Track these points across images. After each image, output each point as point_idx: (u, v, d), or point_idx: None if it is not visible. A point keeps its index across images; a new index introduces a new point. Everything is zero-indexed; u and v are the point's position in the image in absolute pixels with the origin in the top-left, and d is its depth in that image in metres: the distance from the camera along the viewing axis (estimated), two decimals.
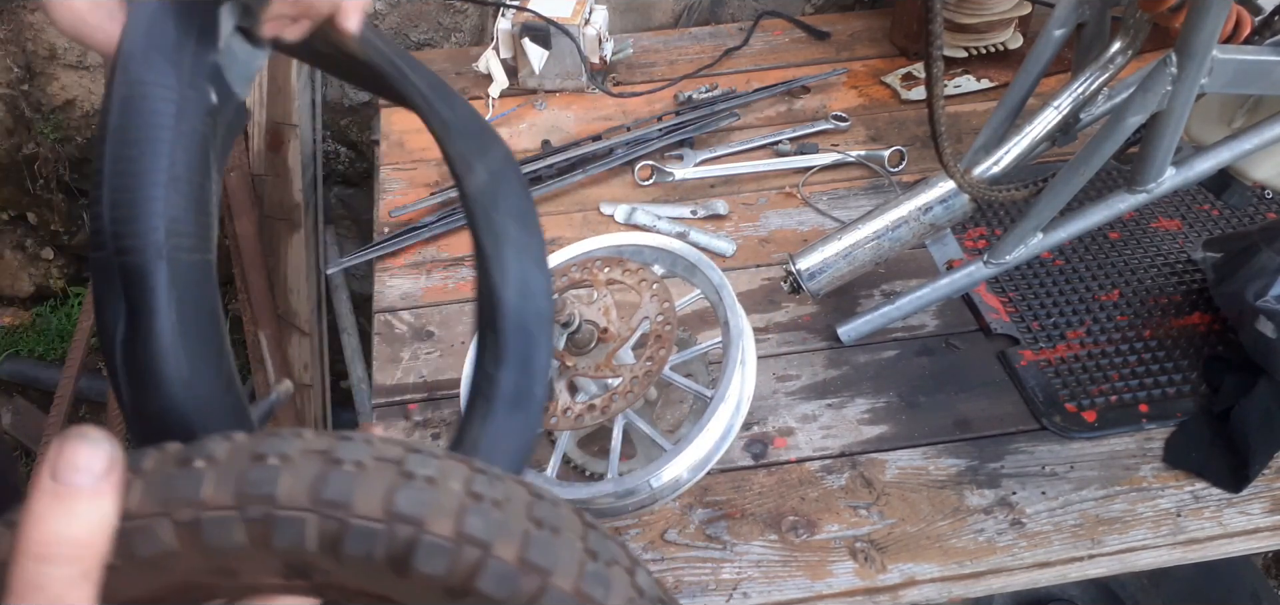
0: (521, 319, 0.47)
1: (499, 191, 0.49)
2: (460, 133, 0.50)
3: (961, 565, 0.88)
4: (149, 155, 0.40)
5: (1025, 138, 0.97)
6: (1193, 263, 1.16)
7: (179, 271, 0.40)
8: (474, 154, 0.50)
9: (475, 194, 0.49)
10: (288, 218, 1.67)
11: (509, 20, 1.44)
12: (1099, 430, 0.98)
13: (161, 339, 0.39)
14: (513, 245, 0.48)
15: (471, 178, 0.49)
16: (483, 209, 0.48)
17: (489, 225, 0.48)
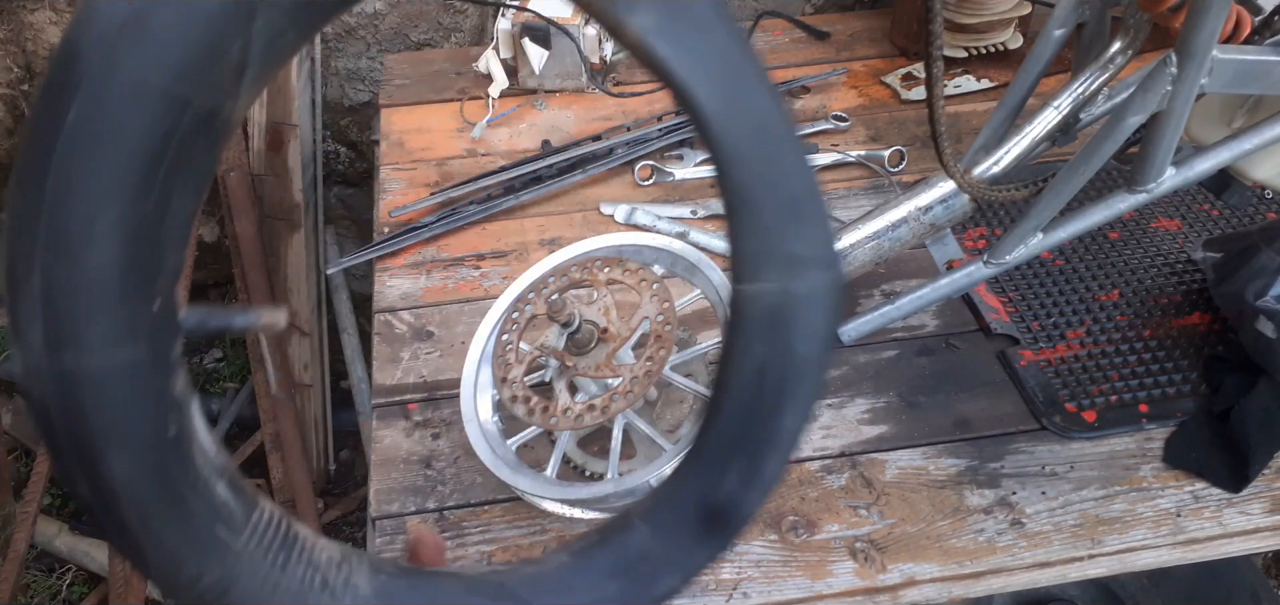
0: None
1: (789, 327, 0.42)
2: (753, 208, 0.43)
3: (961, 565, 0.88)
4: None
5: (1025, 138, 0.97)
6: (1193, 263, 1.16)
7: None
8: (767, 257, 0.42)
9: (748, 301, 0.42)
10: (288, 218, 1.67)
11: (509, 20, 1.44)
12: (1099, 430, 0.98)
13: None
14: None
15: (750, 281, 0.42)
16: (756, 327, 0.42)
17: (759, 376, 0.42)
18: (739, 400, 0.42)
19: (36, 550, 1.78)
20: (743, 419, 0.43)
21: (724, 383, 0.43)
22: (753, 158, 0.41)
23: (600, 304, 0.88)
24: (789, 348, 0.42)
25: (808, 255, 0.41)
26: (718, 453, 0.43)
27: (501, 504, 0.92)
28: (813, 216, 0.42)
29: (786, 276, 0.41)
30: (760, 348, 0.42)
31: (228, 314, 0.42)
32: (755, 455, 0.43)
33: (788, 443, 0.43)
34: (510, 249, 1.20)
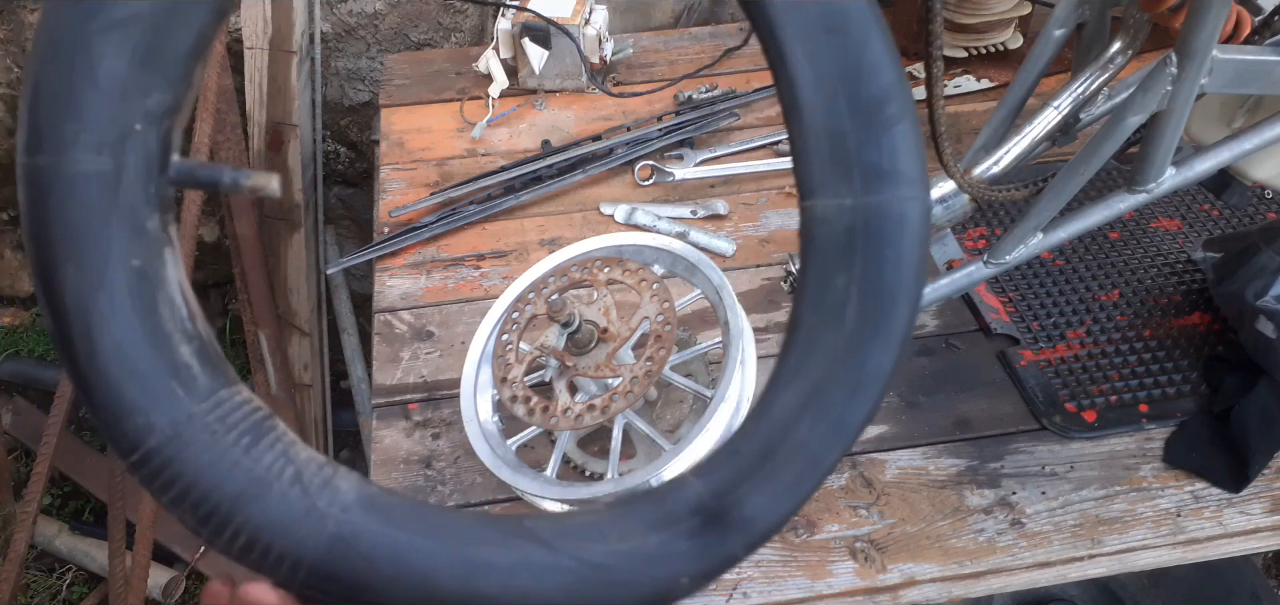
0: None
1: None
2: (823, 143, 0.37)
3: (961, 565, 0.88)
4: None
5: (1025, 138, 0.97)
6: (1193, 263, 1.16)
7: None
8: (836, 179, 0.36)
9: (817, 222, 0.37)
10: (288, 218, 1.67)
11: (509, 20, 1.44)
12: (1099, 430, 0.98)
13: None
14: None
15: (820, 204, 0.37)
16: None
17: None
18: (815, 338, 0.37)
19: (36, 550, 1.78)
20: (821, 363, 0.37)
21: (798, 321, 0.38)
22: (824, 43, 0.35)
23: (600, 304, 0.88)
24: (878, 272, 0.36)
25: (891, 167, 0.35)
26: (792, 400, 0.38)
27: (501, 504, 0.92)
28: (898, 119, 0.35)
29: (867, 192, 0.35)
30: (839, 279, 0.36)
31: (216, 168, 0.40)
32: (829, 396, 0.37)
33: (873, 388, 0.37)
34: (510, 249, 1.20)
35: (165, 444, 0.35)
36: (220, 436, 0.36)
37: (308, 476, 0.37)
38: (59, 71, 0.34)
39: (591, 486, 0.81)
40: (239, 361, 2.07)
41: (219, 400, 0.36)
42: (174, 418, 0.35)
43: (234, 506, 0.36)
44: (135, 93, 0.35)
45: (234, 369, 0.39)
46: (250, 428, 0.37)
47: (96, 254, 0.34)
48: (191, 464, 0.35)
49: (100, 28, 0.34)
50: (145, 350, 0.35)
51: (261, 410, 0.38)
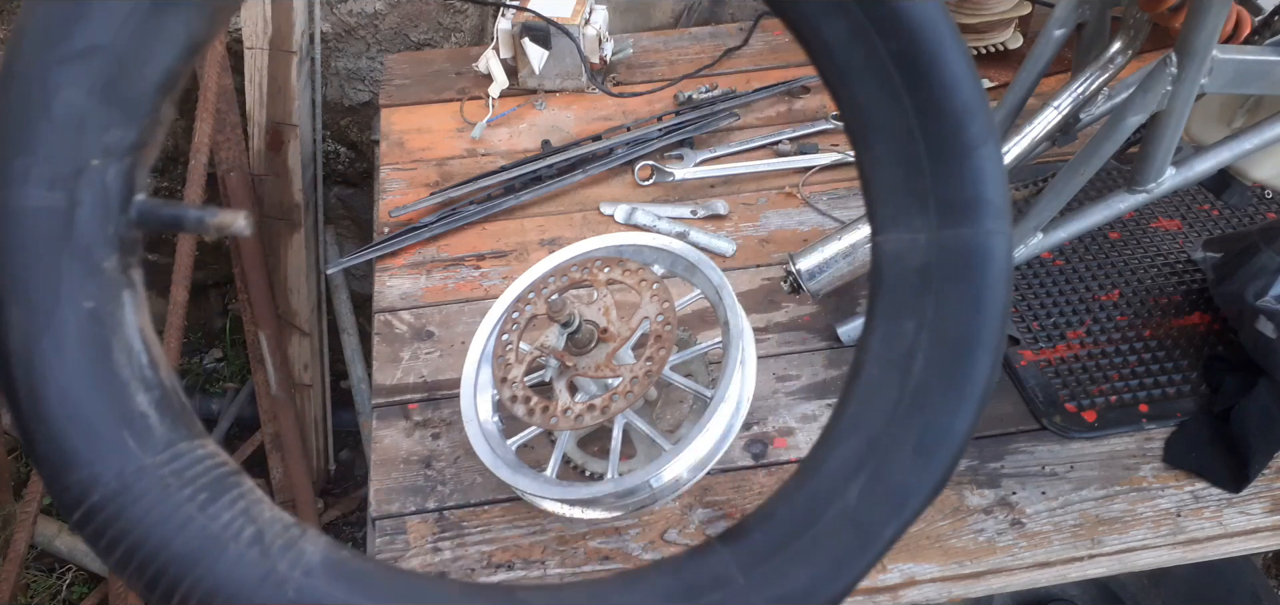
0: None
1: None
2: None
3: (961, 565, 0.88)
4: None
5: (1025, 138, 0.97)
6: (1193, 263, 1.16)
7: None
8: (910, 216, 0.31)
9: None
10: (288, 218, 1.67)
11: (509, 20, 1.44)
12: (1099, 430, 0.98)
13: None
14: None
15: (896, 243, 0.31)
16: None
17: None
18: (875, 394, 0.32)
19: (36, 550, 1.78)
20: (879, 418, 0.32)
21: (859, 370, 0.33)
22: (891, 59, 0.30)
23: (600, 304, 0.88)
24: (950, 320, 0.31)
25: (976, 198, 0.30)
26: (841, 466, 0.32)
27: (501, 504, 0.92)
28: (981, 141, 0.30)
29: (944, 225, 0.30)
30: (909, 325, 0.31)
31: (181, 208, 0.37)
32: (889, 470, 0.31)
33: (949, 447, 0.32)
34: (510, 249, 1.20)
35: (111, 499, 0.32)
36: (173, 492, 0.33)
37: (269, 537, 0.34)
38: (12, 102, 0.32)
39: (591, 486, 0.81)
40: (239, 361, 2.07)
41: (176, 453, 0.33)
42: (121, 470, 0.32)
43: (184, 568, 0.32)
44: (93, 127, 0.33)
45: (201, 423, 0.36)
46: (210, 483, 0.34)
47: (44, 294, 0.32)
48: (139, 520, 0.32)
49: (59, 58, 0.32)
50: (93, 398, 0.32)
51: (225, 465, 0.35)
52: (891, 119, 0.30)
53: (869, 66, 0.30)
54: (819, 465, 0.34)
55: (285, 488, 1.76)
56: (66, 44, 0.32)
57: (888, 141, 0.30)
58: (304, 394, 1.79)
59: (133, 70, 0.33)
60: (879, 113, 0.30)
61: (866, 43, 0.30)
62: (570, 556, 0.88)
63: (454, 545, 0.89)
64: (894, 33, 0.29)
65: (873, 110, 0.30)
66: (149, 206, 0.36)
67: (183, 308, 1.53)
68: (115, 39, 0.33)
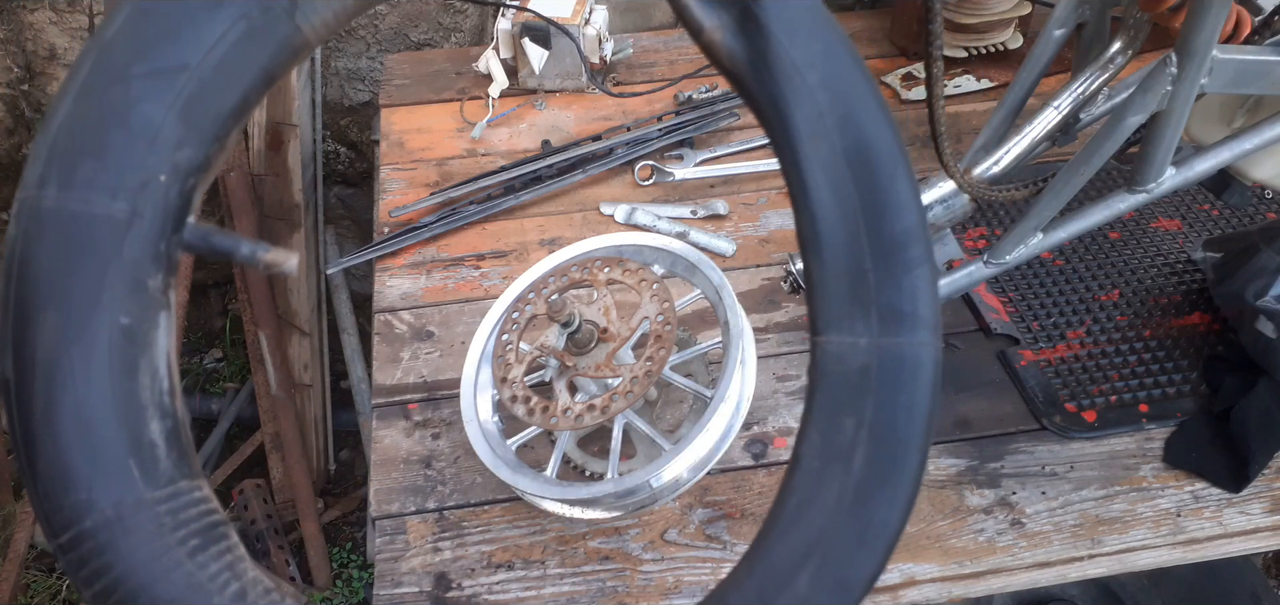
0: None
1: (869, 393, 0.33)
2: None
3: (961, 565, 0.88)
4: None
5: (1025, 138, 0.97)
6: (1193, 263, 1.16)
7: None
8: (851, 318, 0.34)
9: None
10: (288, 218, 1.67)
11: (509, 20, 1.44)
12: (1099, 430, 0.98)
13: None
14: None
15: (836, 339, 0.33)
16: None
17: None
18: (819, 486, 0.34)
19: (36, 550, 1.78)
20: (824, 511, 0.34)
21: (799, 461, 0.35)
22: (850, 181, 0.33)
23: (600, 304, 0.88)
24: (886, 421, 0.33)
25: (912, 311, 0.33)
26: (788, 556, 0.34)
27: (501, 504, 0.92)
28: (919, 262, 0.34)
29: (885, 333, 0.33)
30: (848, 422, 0.33)
31: (235, 239, 0.38)
32: (836, 560, 0.34)
33: (880, 544, 0.35)
34: (510, 249, 1.20)
35: (102, 528, 0.31)
36: (166, 533, 0.32)
37: (252, 597, 0.33)
38: (90, 106, 0.32)
39: (591, 486, 0.81)
40: (239, 361, 2.07)
41: (176, 491, 0.33)
42: (120, 500, 0.31)
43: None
44: (166, 143, 0.33)
45: (199, 462, 0.35)
46: (201, 530, 0.33)
47: (83, 302, 0.31)
48: (128, 556, 0.31)
49: (145, 72, 0.32)
50: (109, 417, 0.31)
51: (216, 513, 0.34)
52: (844, 234, 0.33)
53: (833, 184, 0.33)
54: (768, 553, 0.35)
55: (285, 488, 1.76)
56: (156, 58, 0.33)
57: (838, 253, 0.34)
58: (304, 394, 1.79)
59: (212, 94, 0.34)
60: (835, 227, 0.33)
61: (835, 163, 0.33)
62: (570, 556, 0.88)
63: (454, 545, 0.89)
64: (860, 160, 0.33)
65: (828, 222, 0.34)
66: (202, 231, 0.36)
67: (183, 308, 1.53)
68: (203, 61, 0.33)
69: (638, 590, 0.86)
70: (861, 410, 0.34)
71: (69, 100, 0.32)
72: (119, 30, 0.33)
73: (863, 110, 0.34)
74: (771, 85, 0.34)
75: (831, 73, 0.34)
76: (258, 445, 1.81)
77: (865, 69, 0.34)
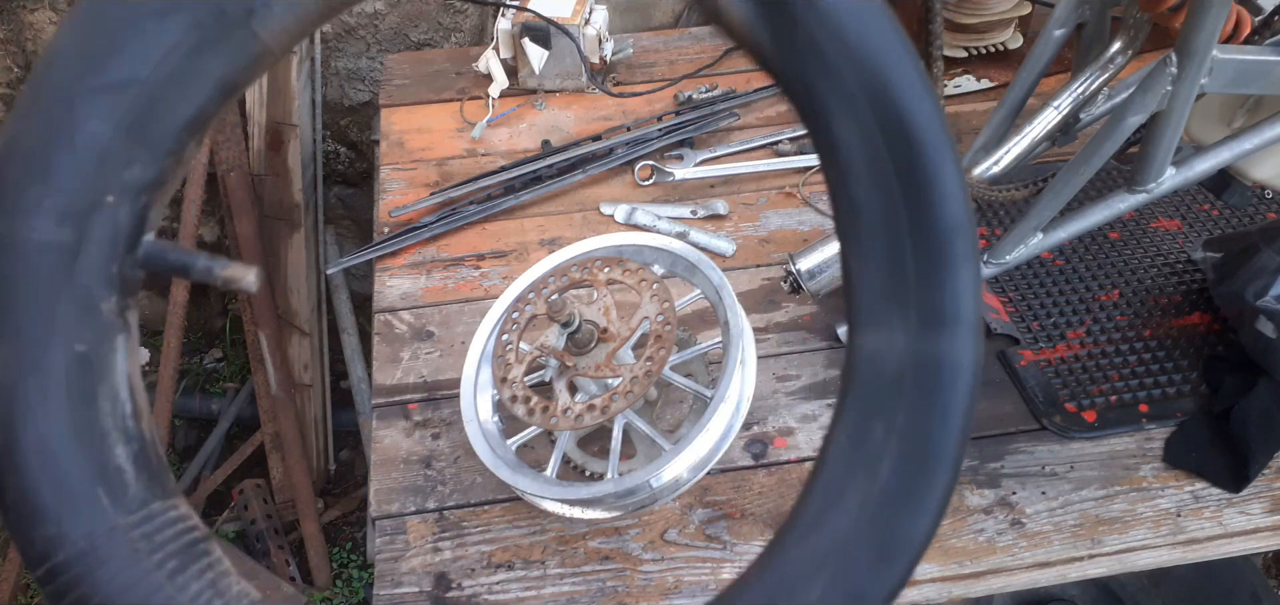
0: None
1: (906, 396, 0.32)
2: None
3: (961, 565, 0.88)
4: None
5: (1025, 138, 0.97)
6: (1193, 263, 1.16)
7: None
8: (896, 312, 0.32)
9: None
10: (288, 218, 1.67)
11: (509, 20, 1.44)
12: (1099, 430, 0.98)
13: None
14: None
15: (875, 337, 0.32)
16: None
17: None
18: (842, 493, 0.33)
19: None
20: (845, 518, 0.32)
21: (824, 464, 0.33)
22: (891, 166, 0.31)
23: (600, 304, 0.88)
24: (918, 429, 0.32)
25: (954, 312, 0.32)
26: (804, 561, 0.33)
27: (501, 504, 0.92)
28: (966, 258, 0.31)
29: (923, 335, 0.32)
30: (878, 427, 0.32)
31: (192, 255, 0.36)
32: (853, 572, 0.32)
33: (903, 560, 0.33)
34: (510, 249, 1.20)
35: (76, 560, 0.31)
36: (143, 557, 0.31)
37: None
38: (34, 130, 0.31)
39: (591, 486, 0.81)
40: (239, 361, 2.07)
41: (149, 514, 0.32)
42: (91, 530, 0.31)
43: None
44: (115, 163, 0.32)
45: (174, 478, 0.35)
46: (180, 550, 0.33)
47: (36, 333, 0.31)
48: (104, 586, 0.31)
49: (91, 89, 0.31)
50: (71, 449, 0.31)
51: (196, 530, 0.34)
52: (885, 223, 0.31)
53: (872, 169, 0.31)
54: (783, 557, 0.34)
55: (285, 488, 1.76)
56: (100, 74, 0.31)
57: (878, 244, 0.31)
58: (304, 394, 1.79)
59: (164, 108, 0.32)
60: (874, 215, 0.31)
61: (872, 146, 0.31)
62: (570, 557, 0.88)
63: (454, 545, 0.89)
64: (901, 142, 0.30)
65: (869, 211, 0.31)
66: (157, 249, 0.35)
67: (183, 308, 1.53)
68: (152, 74, 0.32)
69: (638, 590, 0.86)
70: (893, 416, 0.32)
71: (14, 121, 0.32)
72: (63, 45, 0.32)
73: (906, 88, 0.31)
74: (800, 59, 0.31)
75: (870, 45, 0.30)
76: (258, 445, 1.81)
77: (907, 40, 0.31)
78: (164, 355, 1.53)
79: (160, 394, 1.56)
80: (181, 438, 1.98)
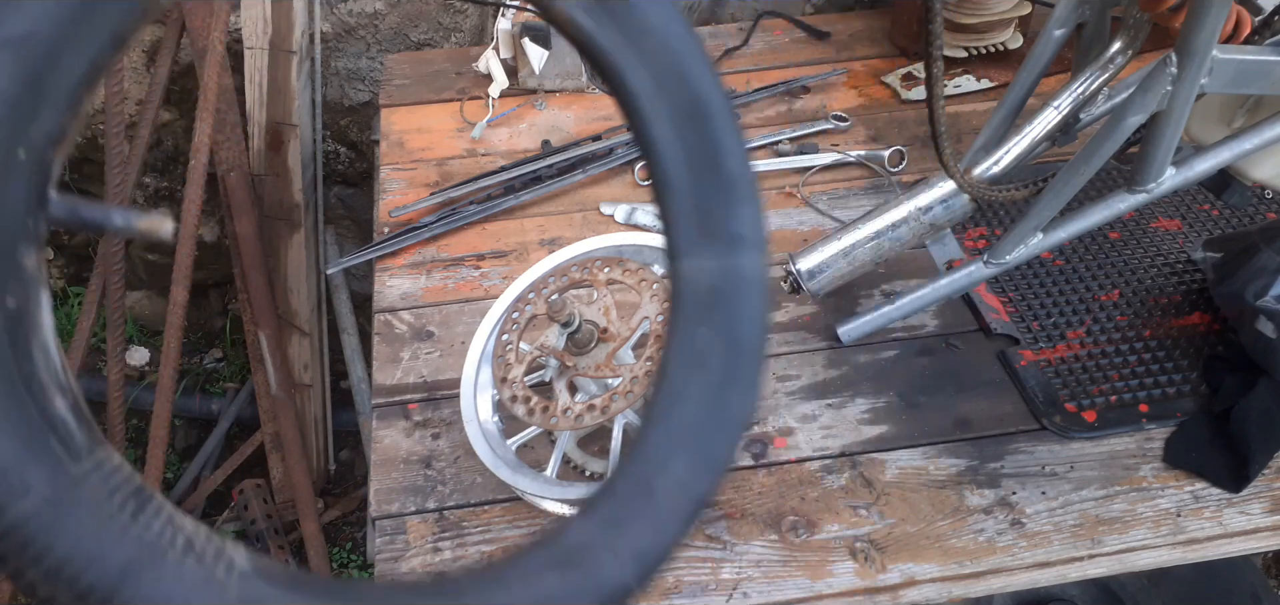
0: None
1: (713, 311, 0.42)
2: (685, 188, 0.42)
3: (961, 565, 0.88)
4: None
5: (1025, 138, 0.97)
6: (1193, 263, 1.16)
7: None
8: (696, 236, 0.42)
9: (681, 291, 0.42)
10: (288, 218, 1.67)
11: (509, 20, 1.44)
12: (1099, 430, 0.98)
13: None
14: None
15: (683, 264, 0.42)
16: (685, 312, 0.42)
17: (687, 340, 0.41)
18: (686, 385, 0.42)
19: None
20: (691, 404, 0.42)
21: (669, 369, 0.42)
22: (692, 130, 0.40)
23: (600, 304, 0.88)
24: (736, 327, 0.41)
25: (747, 235, 0.41)
26: (666, 440, 0.42)
27: (501, 504, 0.92)
28: (750, 196, 0.42)
29: (725, 254, 0.41)
30: (705, 330, 0.41)
31: (104, 209, 0.36)
32: (702, 439, 0.42)
33: (736, 427, 0.43)
34: (510, 249, 1.20)
35: (43, 508, 0.31)
36: (102, 500, 0.32)
37: (199, 545, 0.35)
38: None
39: (591, 486, 0.81)
40: (239, 361, 2.07)
41: (98, 461, 0.33)
42: (56, 479, 0.31)
43: (123, 578, 0.32)
44: (20, 117, 0.32)
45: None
46: (132, 493, 0.34)
47: None
48: (72, 531, 0.32)
49: None
50: (18, 401, 0.31)
51: (136, 476, 0.35)
52: (690, 181, 0.41)
53: (678, 136, 0.41)
54: (647, 444, 0.42)
55: (285, 488, 1.76)
56: (2, 28, 0.32)
57: (686, 195, 0.41)
58: (304, 394, 1.79)
59: (62, 61, 0.33)
60: (682, 175, 0.41)
61: (677, 122, 0.41)
62: None
63: (454, 545, 0.89)
64: (697, 113, 0.41)
65: (677, 173, 0.41)
66: (69, 205, 0.35)
67: (183, 308, 1.53)
68: (50, 29, 0.32)
69: None
70: (714, 321, 0.41)
71: None
72: None
73: (697, 70, 0.40)
74: (618, 52, 0.40)
75: (669, 37, 0.40)
76: (258, 445, 1.81)
77: (693, 32, 0.41)
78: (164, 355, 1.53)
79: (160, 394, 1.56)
80: (181, 438, 1.97)
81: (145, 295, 2.08)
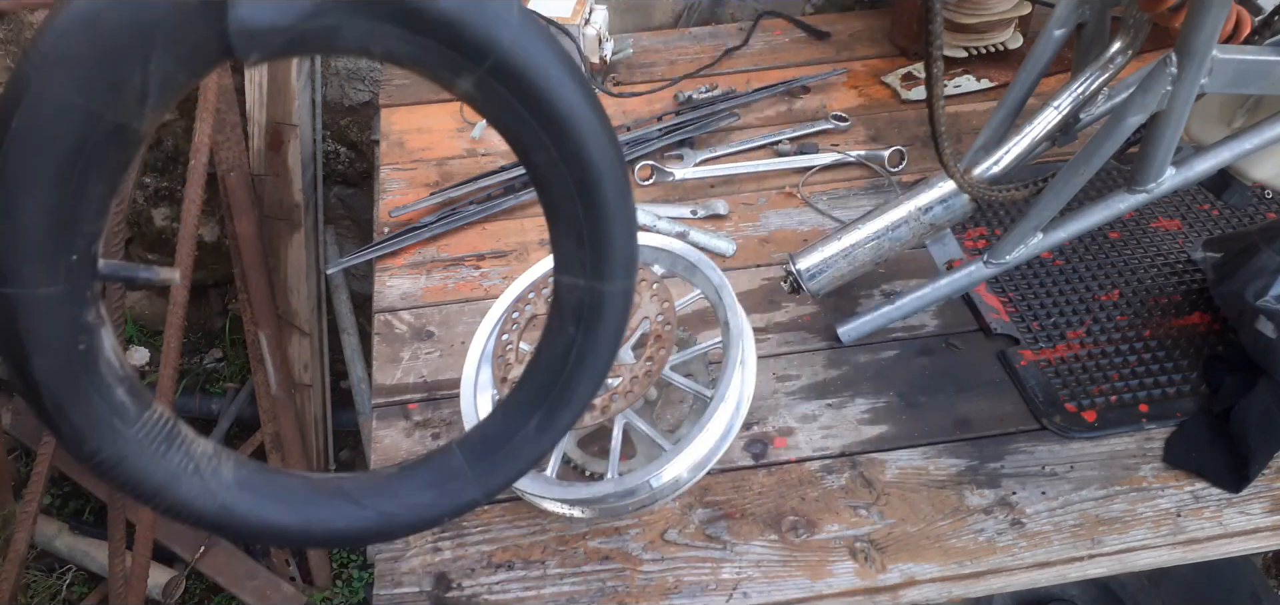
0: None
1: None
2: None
3: (961, 565, 0.88)
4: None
5: (1025, 138, 0.97)
6: (1193, 263, 1.16)
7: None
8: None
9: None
10: (288, 218, 1.67)
11: None
12: (1099, 430, 0.98)
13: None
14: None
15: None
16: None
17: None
18: (549, 367, 0.58)
19: (36, 550, 1.78)
20: (549, 382, 0.58)
21: (541, 350, 0.58)
22: (582, 187, 0.51)
23: None
24: (592, 335, 0.56)
25: (615, 265, 0.54)
26: (526, 403, 0.59)
27: (501, 504, 0.92)
28: (627, 232, 0.54)
29: (596, 279, 0.54)
30: (571, 330, 0.56)
31: (133, 268, 0.53)
32: (553, 410, 0.58)
33: (579, 405, 0.59)
34: (510, 249, 1.20)
35: (111, 458, 0.52)
36: (145, 448, 0.53)
37: (203, 466, 0.55)
38: (20, 216, 0.46)
39: (591, 486, 0.81)
40: (239, 361, 2.07)
41: (144, 422, 0.53)
42: (115, 443, 0.52)
43: (159, 491, 0.54)
44: (80, 232, 0.47)
45: (149, 390, 0.54)
46: (164, 437, 0.53)
47: (55, 348, 0.49)
48: (130, 466, 0.52)
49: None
50: (94, 403, 0.51)
51: (169, 420, 0.54)
52: (570, 213, 0.52)
53: (560, 186, 0.51)
54: (514, 403, 0.59)
55: None
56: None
57: (569, 224, 0.52)
58: (304, 394, 1.79)
59: (87, 190, 0.47)
60: (565, 208, 0.52)
61: (559, 171, 0.51)
62: (570, 556, 0.88)
63: (454, 545, 0.89)
64: (579, 168, 0.50)
65: (562, 206, 0.52)
66: (110, 268, 0.51)
67: (183, 308, 1.53)
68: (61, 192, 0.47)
69: (638, 590, 0.86)
70: (579, 324, 0.56)
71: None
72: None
73: (590, 133, 0.50)
74: (518, 118, 0.49)
75: (565, 99, 0.48)
76: (258, 445, 1.81)
77: (588, 87, 0.50)
78: (164, 355, 1.53)
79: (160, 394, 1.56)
80: None
81: (145, 295, 2.08)
